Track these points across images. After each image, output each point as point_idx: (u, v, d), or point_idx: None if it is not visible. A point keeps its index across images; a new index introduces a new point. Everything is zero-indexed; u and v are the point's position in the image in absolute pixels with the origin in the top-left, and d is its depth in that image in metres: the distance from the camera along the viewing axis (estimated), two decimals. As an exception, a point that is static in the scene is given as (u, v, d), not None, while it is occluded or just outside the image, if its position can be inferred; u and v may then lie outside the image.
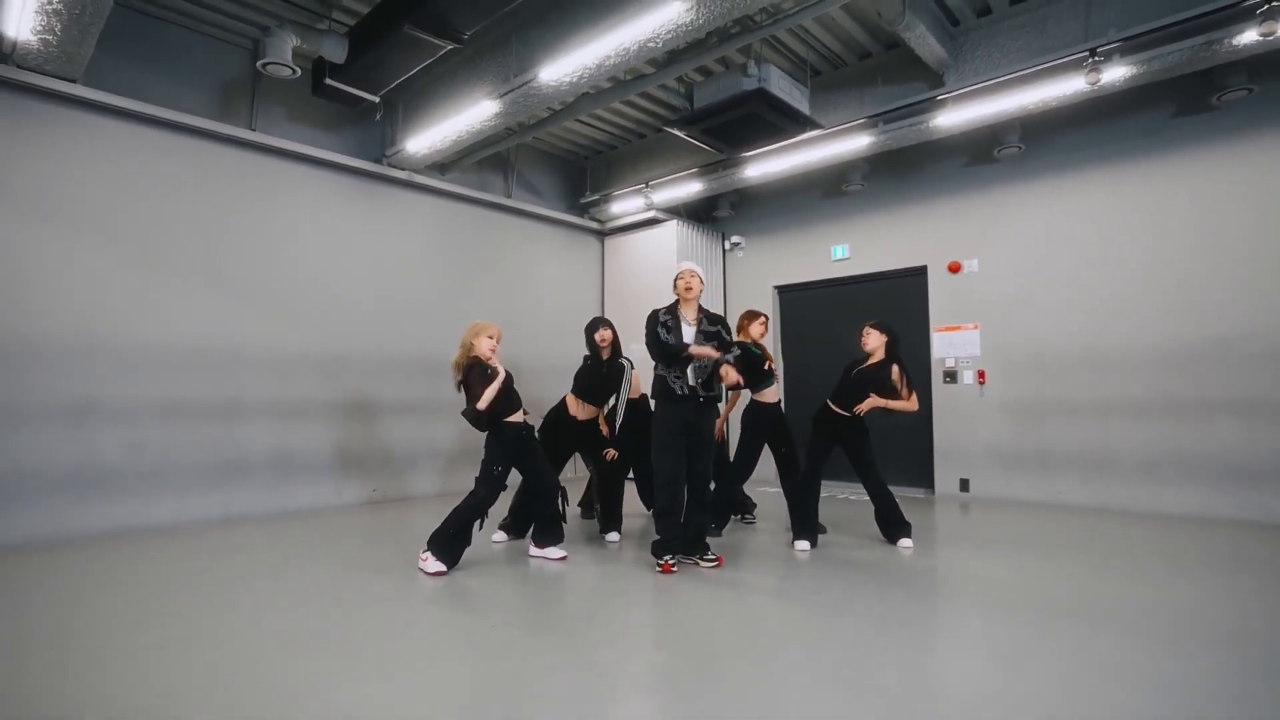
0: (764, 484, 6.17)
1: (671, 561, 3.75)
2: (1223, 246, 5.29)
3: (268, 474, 5.58)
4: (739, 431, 4.71)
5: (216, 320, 5.37)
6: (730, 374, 3.70)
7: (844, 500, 6.20)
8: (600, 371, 4.51)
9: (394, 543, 4.47)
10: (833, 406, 4.32)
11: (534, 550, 4.09)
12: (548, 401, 4.82)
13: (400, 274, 6.57)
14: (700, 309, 3.91)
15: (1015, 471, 6.16)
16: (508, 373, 3.84)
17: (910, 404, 4.25)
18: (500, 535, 4.53)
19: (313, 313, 5.94)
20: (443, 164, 6.80)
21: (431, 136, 5.72)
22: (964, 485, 6.42)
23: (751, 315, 4.81)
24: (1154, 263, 5.58)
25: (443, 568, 3.64)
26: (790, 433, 4.70)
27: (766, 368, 4.56)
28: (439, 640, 2.73)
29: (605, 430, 4.63)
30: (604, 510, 4.64)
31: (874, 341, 4.29)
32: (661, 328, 3.80)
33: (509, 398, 3.83)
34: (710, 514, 4.06)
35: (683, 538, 3.85)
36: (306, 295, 5.91)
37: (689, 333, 3.82)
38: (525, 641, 2.69)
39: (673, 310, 3.88)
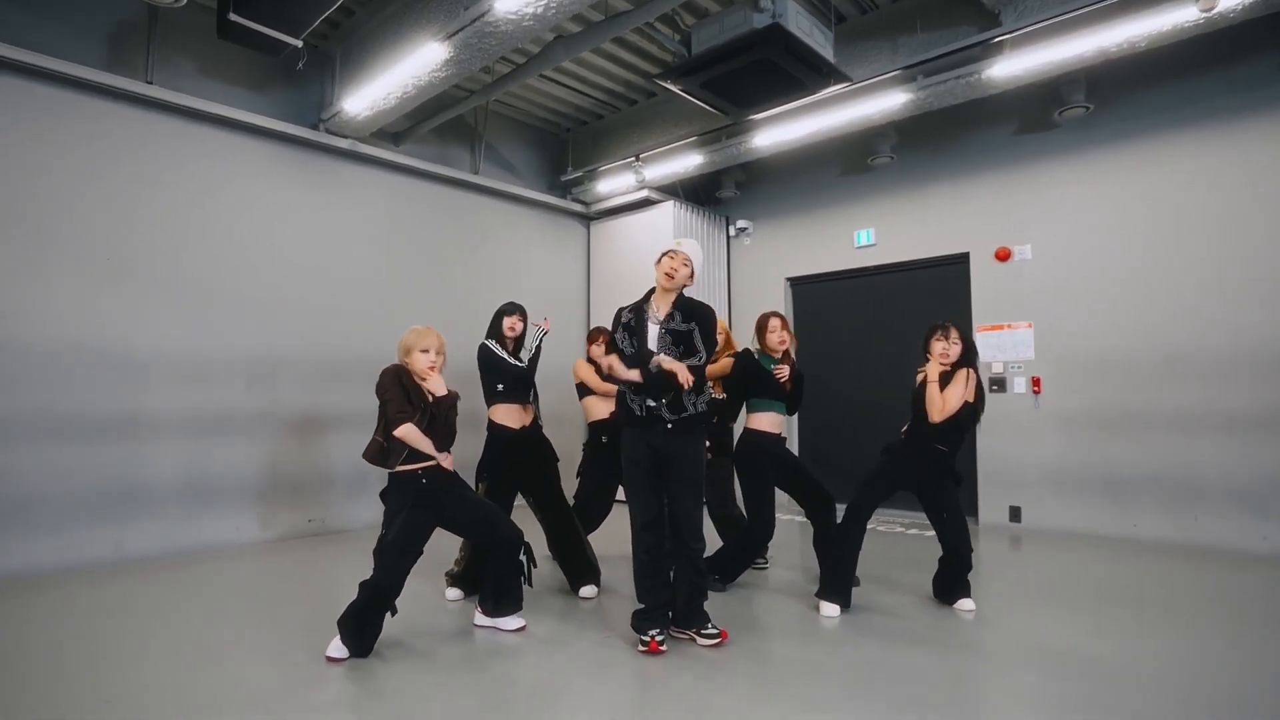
0: (779, 509, 5.18)
1: (659, 638, 2.81)
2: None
3: (175, 503, 4.61)
4: (737, 478, 3.69)
5: (109, 317, 4.41)
6: (681, 374, 2.74)
7: (873, 531, 5.18)
8: (517, 359, 3.58)
9: (319, 592, 3.57)
10: (941, 447, 3.35)
11: (482, 619, 3.10)
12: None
13: (344, 262, 5.56)
14: (678, 301, 2.96)
15: (1077, 499, 5.16)
16: (444, 397, 2.86)
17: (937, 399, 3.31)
18: (455, 593, 3.56)
19: (235, 308, 4.95)
20: (395, 132, 5.80)
21: (372, 93, 4.70)
22: (1014, 514, 5.42)
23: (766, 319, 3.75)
24: (1253, 247, 4.58)
25: (342, 654, 2.68)
26: (800, 463, 3.71)
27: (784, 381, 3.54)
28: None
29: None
30: (570, 562, 3.65)
31: (956, 353, 3.37)
32: (622, 330, 2.97)
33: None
34: (707, 576, 3.06)
35: (675, 605, 2.93)
36: (227, 287, 4.91)
37: (653, 333, 2.91)
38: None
39: (639, 306, 3.01)
